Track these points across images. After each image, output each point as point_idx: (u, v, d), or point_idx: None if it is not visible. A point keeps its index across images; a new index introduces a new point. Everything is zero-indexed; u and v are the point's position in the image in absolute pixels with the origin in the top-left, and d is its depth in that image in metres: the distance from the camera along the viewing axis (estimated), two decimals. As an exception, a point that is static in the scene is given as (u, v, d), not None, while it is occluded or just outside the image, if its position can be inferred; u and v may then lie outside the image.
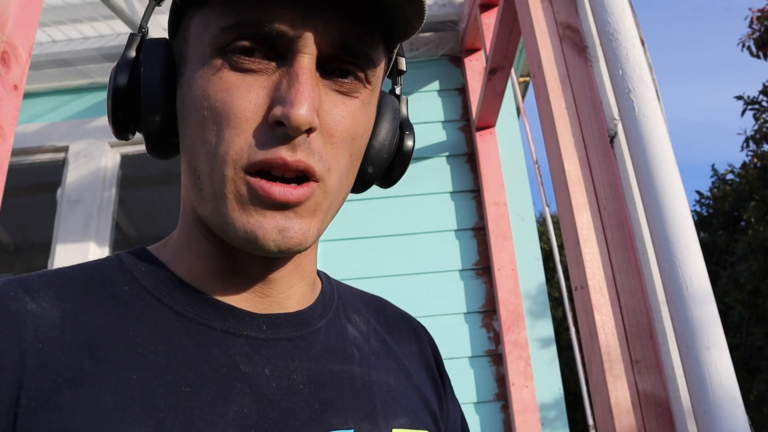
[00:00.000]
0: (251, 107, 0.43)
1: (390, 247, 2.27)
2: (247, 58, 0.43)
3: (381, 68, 0.49)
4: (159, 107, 0.47)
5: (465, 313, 2.18)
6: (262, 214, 0.43)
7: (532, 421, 1.93)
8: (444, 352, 2.36)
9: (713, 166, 8.08)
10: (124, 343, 0.44)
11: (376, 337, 0.57)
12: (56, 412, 0.39)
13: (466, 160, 2.41)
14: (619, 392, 1.03)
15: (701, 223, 7.63)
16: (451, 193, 2.36)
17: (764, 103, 6.87)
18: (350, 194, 0.52)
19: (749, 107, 6.89)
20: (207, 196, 0.45)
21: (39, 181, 2.99)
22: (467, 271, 2.24)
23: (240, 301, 0.49)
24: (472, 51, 2.50)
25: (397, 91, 0.59)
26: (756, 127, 7.00)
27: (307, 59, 0.43)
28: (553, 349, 2.18)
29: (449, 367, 2.34)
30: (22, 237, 3.99)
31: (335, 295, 0.58)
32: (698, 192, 7.98)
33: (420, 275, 2.23)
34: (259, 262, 0.49)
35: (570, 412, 2.25)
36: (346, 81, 0.46)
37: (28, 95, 2.59)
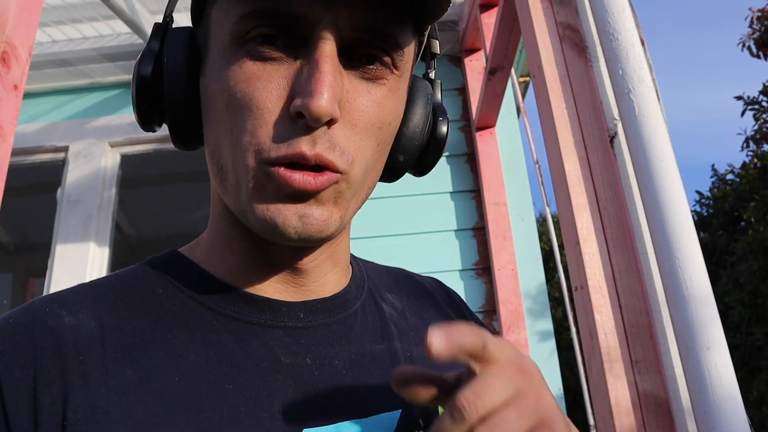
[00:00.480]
0: (272, 98, 0.41)
1: (390, 247, 2.27)
2: (267, 47, 0.42)
3: (410, 52, 0.47)
4: (183, 98, 0.46)
5: (465, 313, 2.18)
6: (282, 203, 0.42)
7: (532, 421, 1.93)
8: (444, 352, 2.33)
9: (713, 166, 8.08)
10: (164, 346, 0.44)
11: (412, 311, 0.57)
12: (104, 422, 0.39)
13: (466, 160, 2.41)
14: (619, 392, 1.03)
15: (701, 223, 7.63)
16: (451, 193, 2.36)
17: (764, 103, 6.87)
18: None
19: (749, 107, 6.90)
20: (230, 186, 0.44)
21: (39, 181, 2.98)
22: (467, 271, 2.24)
23: (275, 292, 0.49)
24: (472, 51, 2.50)
25: (431, 75, 0.57)
26: (756, 127, 7.00)
27: (328, 45, 0.41)
28: (553, 349, 2.18)
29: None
30: (22, 237, 3.99)
31: (365, 276, 0.58)
32: (698, 192, 7.98)
33: (420, 275, 2.23)
34: (291, 251, 0.48)
35: (570, 412, 2.25)
36: (372, 67, 0.44)
37: (28, 95, 2.59)
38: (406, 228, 2.30)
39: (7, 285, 4.03)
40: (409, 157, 0.52)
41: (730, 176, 7.59)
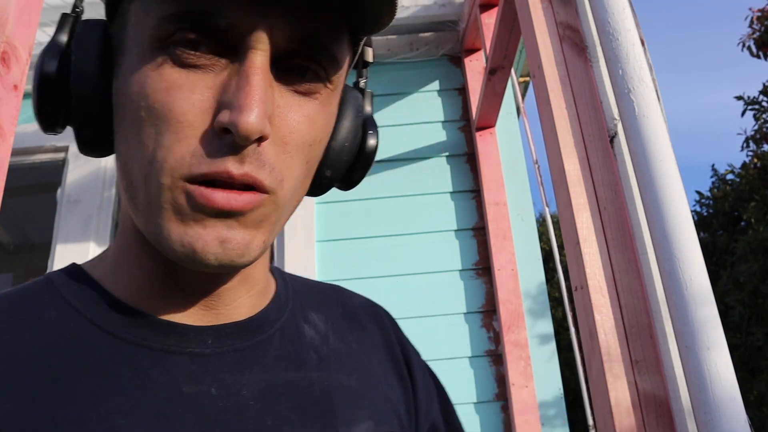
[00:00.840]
0: (195, 110, 0.37)
1: (390, 247, 2.27)
2: (191, 53, 0.37)
3: (345, 65, 0.44)
4: (92, 101, 0.41)
5: (465, 313, 2.18)
6: (201, 224, 0.38)
7: (532, 422, 1.93)
8: (444, 352, 2.35)
9: (713, 166, 8.09)
10: (52, 375, 0.40)
11: (336, 334, 0.53)
12: None
13: (466, 160, 2.41)
14: (619, 392, 1.03)
15: (701, 223, 7.63)
16: (451, 193, 2.36)
17: (764, 104, 6.87)
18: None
19: (749, 107, 6.90)
20: (141, 206, 0.40)
21: (39, 181, 2.98)
22: (467, 271, 2.24)
23: (182, 317, 0.45)
24: (472, 51, 2.50)
25: (362, 85, 0.53)
26: (756, 127, 7.01)
27: (260, 57, 0.38)
28: (553, 349, 2.18)
29: (449, 367, 2.33)
30: (22, 237, 3.99)
31: (290, 293, 0.53)
32: (698, 192, 7.99)
33: (420, 275, 2.23)
34: (202, 275, 0.44)
35: (570, 412, 2.25)
36: (305, 80, 0.41)
37: (28, 95, 2.59)
38: (406, 228, 2.30)
39: (7, 285, 4.03)
40: (336, 172, 0.49)
41: (730, 176, 7.59)
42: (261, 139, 0.38)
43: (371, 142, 0.51)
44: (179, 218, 0.38)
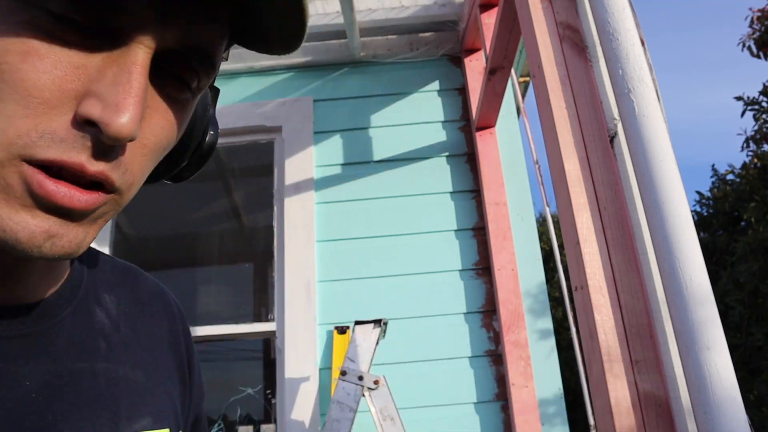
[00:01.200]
0: (53, 88, 0.32)
1: (390, 247, 2.27)
2: (64, 27, 0.32)
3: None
4: None
5: (465, 313, 2.18)
6: (30, 213, 0.33)
7: (532, 422, 1.93)
8: (444, 352, 2.35)
9: (713, 166, 8.10)
10: None
11: (126, 321, 0.51)
12: None
13: (466, 160, 2.41)
14: (619, 392, 1.03)
15: (701, 223, 7.64)
16: (451, 193, 2.36)
17: (764, 104, 6.88)
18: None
19: (749, 108, 6.90)
20: None
21: None
22: (467, 271, 2.24)
23: None
24: (472, 51, 2.50)
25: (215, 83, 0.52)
26: (756, 127, 7.01)
27: (144, 53, 0.34)
28: (553, 349, 2.18)
29: (449, 367, 2.33)
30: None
31: (84, 272, 0.50)
32: (698, 192, 7.99)
33: (420, 275, 2.23)
34: None
35: (570, 412, 2.25)
36: (179, 87, 0.38)
37: None
38: (406, 228, 2.30)
39: None
40: (171, 167, 0.48)
41: (730, 176, 7.60)
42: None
43: (210, 141, 0.51)
44: (4, 199, 0.33)
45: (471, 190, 2.36)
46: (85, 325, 0.47)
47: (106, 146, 0.34)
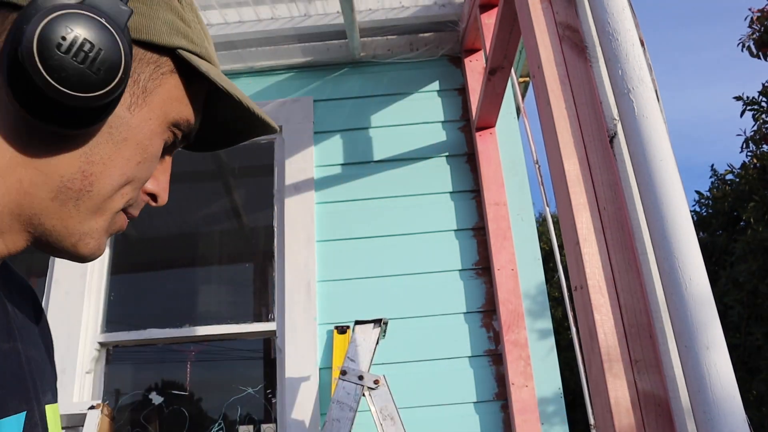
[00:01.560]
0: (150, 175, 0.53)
1: (390, 247, 2.27)
2: (169, 142, 0.53)
3: None
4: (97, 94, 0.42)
5: (465, 313, 2.18)
6: (107, 238, 0.51)
7: (532, 421, 1.93)
8: (444, 352, 2.35)
9: (713, 166, 8.10)
10: None
11: (19, 307, 0.56)
12: None
13: (466, 160, 2.41)
14: (619, 392, 1.03)
15: (701, 223, 7.64)
16: (451, 193, 2.36)
17: (763, 104, 6.88)
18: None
19: (749, 108, 6.91)
20: (82, 209, 0.47)
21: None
22: (467, 271, 2.24)
23: None
24: (472, 51, 2.50)
25: None
26: (755, 127, 7.01)
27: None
28: (553, 349, 2.18)
29: (449, 367, 2.33)
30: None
31: None
32: (698, 192, 8.00)
33: (420, 275, 2.23)
34: None
35: (570, 412, 2.25)
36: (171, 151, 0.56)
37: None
38: (406, 228, 2.30)
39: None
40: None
41: (729, 176, 7.61)
42: None
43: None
44: (105, 230, 0.50)
45: (471, 190, 2.36)
46: (4, 309, 0.52)
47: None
